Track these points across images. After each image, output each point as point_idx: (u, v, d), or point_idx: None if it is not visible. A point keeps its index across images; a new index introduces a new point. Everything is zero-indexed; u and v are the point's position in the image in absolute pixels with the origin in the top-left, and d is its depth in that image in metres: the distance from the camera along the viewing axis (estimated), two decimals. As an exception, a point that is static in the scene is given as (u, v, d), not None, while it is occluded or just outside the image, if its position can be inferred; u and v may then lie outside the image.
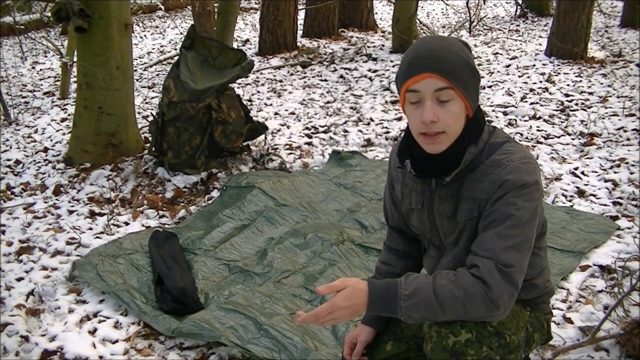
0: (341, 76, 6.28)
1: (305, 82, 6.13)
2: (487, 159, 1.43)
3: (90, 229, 3.18)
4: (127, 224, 3.24)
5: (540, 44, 7.26)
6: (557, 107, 4.90)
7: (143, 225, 3.19)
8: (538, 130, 4.38)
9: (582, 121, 4.52)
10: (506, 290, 1.36)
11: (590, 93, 5.25)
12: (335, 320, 1.40)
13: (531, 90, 5.39)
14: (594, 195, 3.34)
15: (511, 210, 1.37)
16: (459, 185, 1.47)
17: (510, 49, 7.14)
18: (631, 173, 3.56)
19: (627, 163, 3.71)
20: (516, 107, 4.87)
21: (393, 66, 6.50)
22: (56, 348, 2.20)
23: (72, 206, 3.47)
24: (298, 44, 7.60)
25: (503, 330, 1.43)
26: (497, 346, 1.41)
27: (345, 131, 4.57)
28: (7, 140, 4.77)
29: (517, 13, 9.77)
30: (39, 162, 4.21)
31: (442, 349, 1.39)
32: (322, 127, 4.69)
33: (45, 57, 8.35)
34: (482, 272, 1.35)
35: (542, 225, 1.54)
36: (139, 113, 4.95)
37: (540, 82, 5.63)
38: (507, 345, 1.43)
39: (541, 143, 4.15)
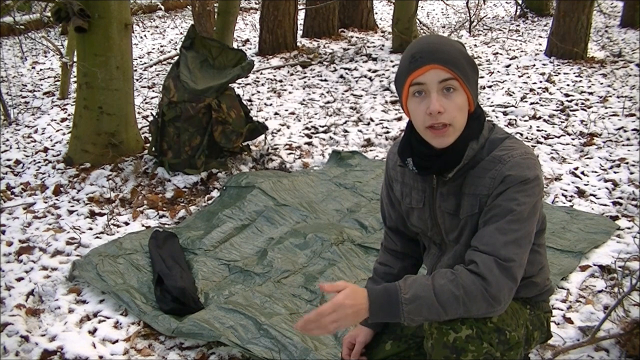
0: (341, 76, 6.28)
1: (305, 82, 6.13)
2: (488, 155, 1.44)
3: (90, 229, 3.18)
4: (127, 224, 3.24)
5: (540, 44, 7.26)
6: (557, 107, 4.90)
7: (143, 225, 3.20)
8: (538, 130, 4.38)
9: (582, 121, 4.52)
10: (506, 285, 1.36)
11: (590, 93, 5.25)
12: (339, 321, 1.34)
13: (531, 90, 5.39)
14: (594, 195, 3.34)
15: (512, 205, 1.38)
16: (461, 182, 1.47)
17: (510, 49, 7.14)
18: (631, 173, 3.56)
19: (627, 163, 3.71)
20: (516, 107, 4.87)
21: (393, 66, 6.50)
22: (56, 348, 2.20)
23: (72, 206, 3.47)
24: (298, 44, 7.60)
25: (503, 327, 1.44)
26: (497, 342, 1.42)
27: (345, 131, 4.57)
28: (7, 140, 4.77)
29: (517, 13, 9.77)
30: (39, 162, 4.21)
31: (443, 345, 1.40)
32: (322, 127, 4.69)
33: (45, 57, 8.35)
34: (481, 268, 1.36)
35: (542, 222, 1.55)
36: (139, 113, 4.95)
37: (540, 82, 5.63)
38: (507, 342, 1.43)
39: (541, 143, 4.15)
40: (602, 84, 5.52)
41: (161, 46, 8.63)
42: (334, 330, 1.36)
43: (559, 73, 5.91)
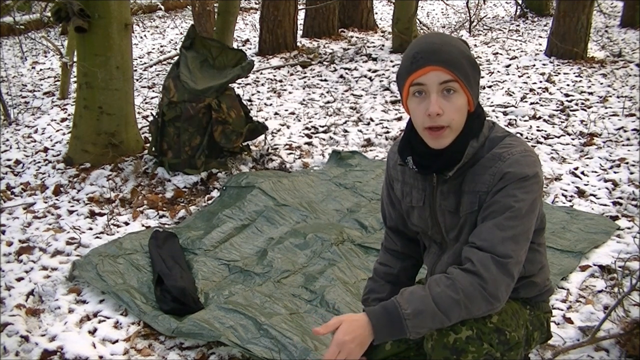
0: (341, 76, 6.28)
1: (305, 82, 6.13)
2: (488, 153, 1.44)
3: (90, 229, 3.18)
4: (127, 224, 3.24)
5: (540, 44, 7.26)
6: (557, 107, 4.90)
7: (143, 225, 3.20)
8: (538, 130, 4.38)
9: (582, 121, 4.52)
10: (503, 282, 1.36)
11: (590, 93, 5.25)
12: (348, 357, 1.35)
13: (531, 90, 5.39)
14: (594, 195, 3.34)
15: (510, 202, 1.38)
16: (461, 180, 1.47)
17: (510, 49, 7.14)
18: (631, 173, 3.56)
19: (627, 163, 3.71)
20: (516, 107, 4.87)
21: (393, 66, 6.50)
22: (56, 348, 2.20)
23: (72, 206, 3.47)
24: (298, 44, 7.60)
25: (503, 327, 1.44)
26: (497, 343, 1.42)
27: (345, 131, 4.57)
28: (7, 140, 4.77)
29: (517, 13, 9.78)
30: (39, 162, 4.21)
31: (443, 346, 1.40)
32: (322, 127, 4.69)
33: (45, 57, 8.35)
34: (477, 266, 1.35)
35: (541, 220, 1.55)
36: (139, 113, 4.95)
37: (540, 82, 5.63)
38: (507, 342, 1.44)
39: (541, 143, 4.15)
40: (602, 84, 5.52)
41: (161, 46, 8.63)
42: None
43: (559, 73, 5.91)
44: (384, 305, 1.38)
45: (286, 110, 5.19)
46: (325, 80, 6.19)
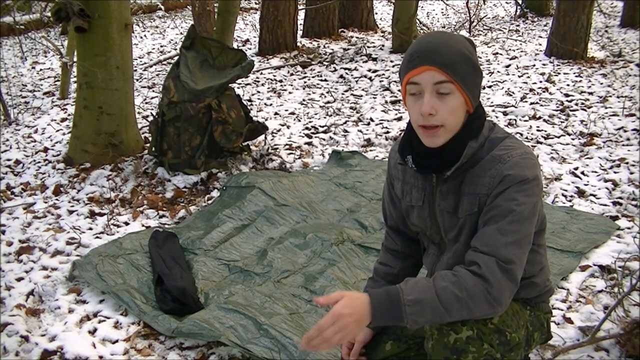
0: (341, 76, 6.28)
1: (305, 82, 6.14)
2: (488, 155, 1.44)
3: (90, 229, 3.18)
4: (127, 224, 3.24)
5: (540, 44, 7.27)
6: (557, 107, 4.90)
7: (143, 225, 3.19)
8: (538, 130, 4.38)
9: (582, 121, 4.52)
10: (507, 286, 1.36)
11: (590, 93, 5.25)
12: (342, 331, 1.31)
13: (531, 90, 5.39)
14: (594, 195, 3.34)
15: (512, 206, 1.38)
16: (460, 181, 1.47)
17: (510, 49, 7.14)
18: (631, 173, 3.56)
19: (627, 163, 3.71)
20: (516, 107, 4.87)
21: (393, 66, 6.51)
22: (56, 348, 2.20)
23: (72, 206, 3.47)
24: (298, 44, 7.60)
25: (504, 328, 1.44)
26: (497, 343, 1.42)
27: (345, 131, 4.57)
28: (7, 140, 4.77)
29: (517, 13, 9.78)
30: (39, 162, 4.21)
31: (444, 346, 1.40)
32: (322, 127, 4.69)
33: (45, 57, 8.34)
34: (483, 270, 1.35)
35: (542, 222, 1.55)
36: (139, 113, 4.95)
37: (540, 82, 5.63)
38: (507, 343, 1.44)
39: (541, 143, 4.15)
40: (602, 84, 5.52)
41: (161, 46, 8.63)
42: (339, 342, 1.32)
43: (559, 73, 5.91)
44: (386, 289, 1.37)
45: (286, 110, 5.19)
46: (325, 80, 6.19)
